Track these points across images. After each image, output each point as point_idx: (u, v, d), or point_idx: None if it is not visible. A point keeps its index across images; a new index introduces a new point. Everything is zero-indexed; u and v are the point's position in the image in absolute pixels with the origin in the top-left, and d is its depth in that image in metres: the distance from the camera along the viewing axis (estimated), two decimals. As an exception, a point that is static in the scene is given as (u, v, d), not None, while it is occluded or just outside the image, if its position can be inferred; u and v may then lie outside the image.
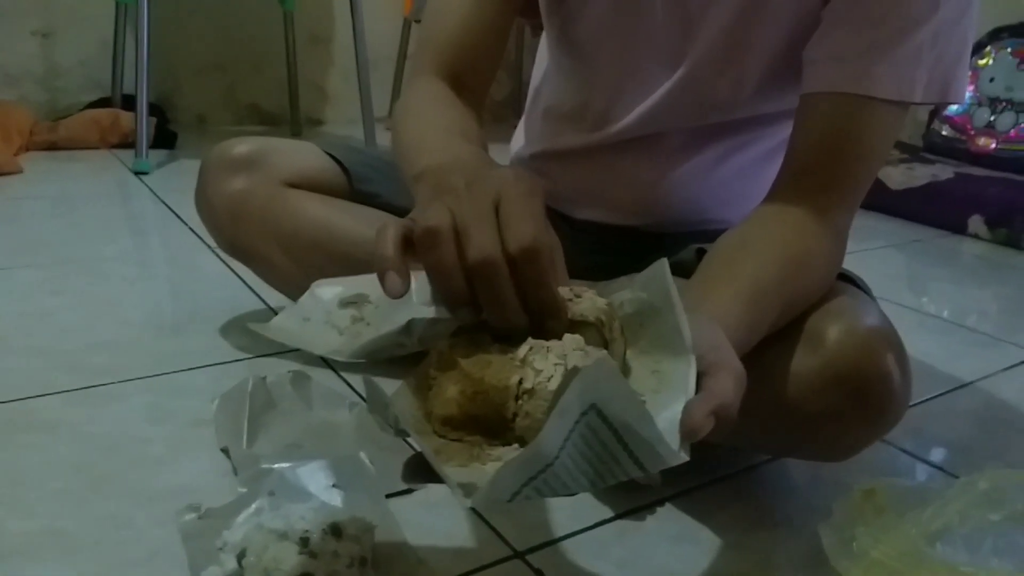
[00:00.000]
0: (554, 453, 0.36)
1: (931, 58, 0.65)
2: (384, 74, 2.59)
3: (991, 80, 2.08)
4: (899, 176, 1.94)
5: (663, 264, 0.44)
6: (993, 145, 2.04)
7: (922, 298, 1.44)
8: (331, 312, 0.51)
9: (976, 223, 1.82)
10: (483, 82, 0.75)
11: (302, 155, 0.90)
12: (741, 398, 0.41)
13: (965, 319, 1.33)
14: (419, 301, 0.44)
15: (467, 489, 0.37)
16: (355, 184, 0.91)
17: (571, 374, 0.40)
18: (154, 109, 2.06)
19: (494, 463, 0.40)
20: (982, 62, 2.10)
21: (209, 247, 1.30)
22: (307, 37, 2.52)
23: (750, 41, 0.72)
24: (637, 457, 0.37)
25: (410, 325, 0.50)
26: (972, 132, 2.08)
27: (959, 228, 1.85)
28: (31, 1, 2.17)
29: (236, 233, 0.88)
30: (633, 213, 0.87)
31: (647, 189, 0.85)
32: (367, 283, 0.50)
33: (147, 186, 1.74)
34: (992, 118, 2.06)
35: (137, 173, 1.81)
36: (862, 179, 0.67)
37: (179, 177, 1.83)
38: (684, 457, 0.37)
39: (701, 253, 0.80)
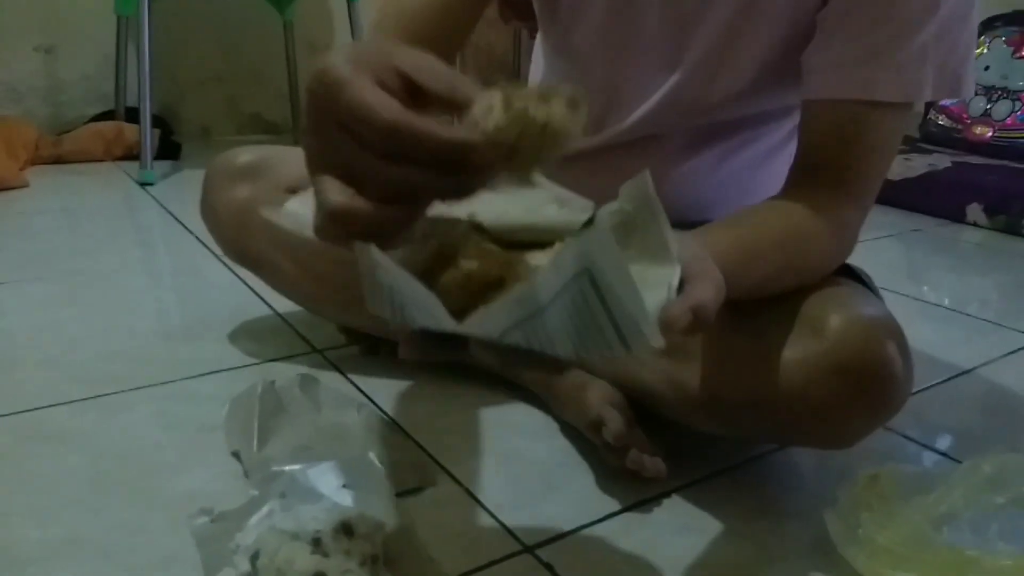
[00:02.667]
0: (544, 302, 0.37)
1: (938, 56, 0.65)
2: (383, 80, 2.61)
3: (986, 68, 2.08)
4: (897, 166, 1.95)
5: (645, 176, 0.44)
6: (990, 133, 2.04)
7: (923, 287, 1.45)
8: None
9: (975, 211, 1.83)
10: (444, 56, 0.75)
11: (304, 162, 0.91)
12: (719, 305, 0.44)
13: (966, 306, 1.33)
14: None
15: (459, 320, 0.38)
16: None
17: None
18: (158, 121, 2.07)
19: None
20: (977, 51, 2.11)
21: (215, 255, 1.31)
22: (306, 46, 2.54)
23: (745, 44, 0.73)
24: (620, 330, 0.37)
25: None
26: (968, 121, 2.09)
27: (958, 216, 1.86)
28: (33, 17, 2.19)
29: (243, 241, 0.89)
30: None
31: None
32: None
33: (153, 197, 1.75)
34: (988, 106, 2.06)
35: (142, 184, 1.83)
36: (872, 176, 0.68)
37: (184, 187, 1.84)
38: (661, 343, 0.37)
39: None
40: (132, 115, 2.13)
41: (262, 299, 1.14)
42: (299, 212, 0.52)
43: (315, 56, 2.58)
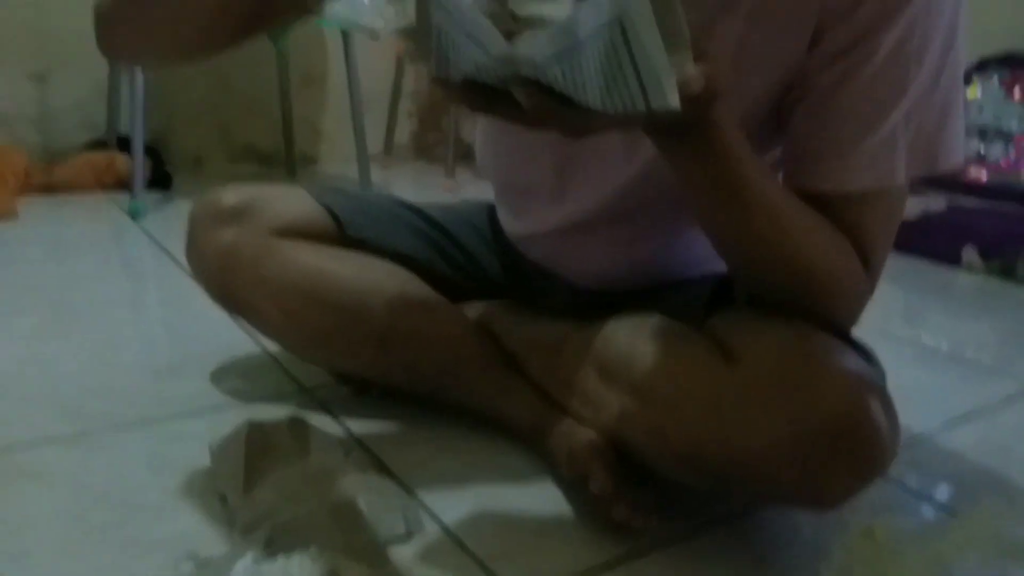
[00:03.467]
0: (582, 37, 0.40)
1: (907, 137, 0.65)
2: (378, 112, 2.61)
3: (980, 110, 2.10)
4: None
5: None
6: (985, 175, 2.05)
7: (919, 330, 1.44)
8: (378, 4, 0.54)
9: (970, 254, 1.83)
10: None
11: (292, 203, 0.90)
12: (725, 86, 0.50)
13: (963, 351, 1.33)
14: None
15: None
16: (346, 230, 0.91)
17: None
18: (149, 150, 2.06)
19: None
20: (970, 92, 2.13)
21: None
22: (301, 77, 2.55)
23: None
24: (643, 83, 0.41)
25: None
26: (964, 162, 2.10)
27: (953, 259, 1.86)
28: (26, 44, 2.19)
29: (227, 286, 0.87)
30: (609, 280, 0.88)
31: (621, 264, 0.85)
32: None
33: (142, 228, 1.74)
34: (982, 148, 2.08)
35: (132, 216, 1.82)
36: (874, 250, 0.68)
37: (174, 219, 1.83)
38: (676, 104, 0.42)
39: (720, 287, 0.80)
40: (124, 144, 2.12)
41: (250, 336, 1.12)
42: (341, 10, 0.54)
43: (309, 87, 2.59)
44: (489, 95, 0.47)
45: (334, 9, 0.53)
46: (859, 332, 0.71)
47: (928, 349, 1.33)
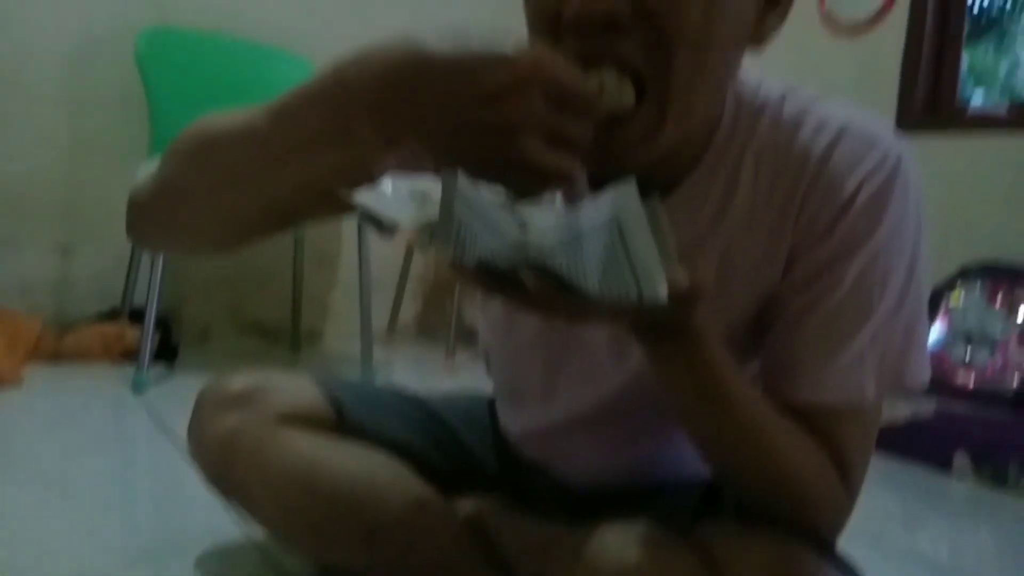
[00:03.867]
0: (585, 231, 0.45)
1: (874, 357, 0.68)
2: (384, 293, 2.70)
3: (964, 316, 2.16)
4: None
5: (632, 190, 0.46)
6: (972, 380, 2.09)
7: (914, 538, 1.42)
8: (401, 200, 0.57)
9: (961, 461, 1.83)
10: None
11: (296, 390, 0.93)
12: (708, 292, 0.53)
13: (963, 563, 1.30)
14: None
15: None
16: (345, 419, 0.93)
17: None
18: (158, 322, 2.12)
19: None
20: (954, 299, 2.20)
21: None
22: (315, 257, 2.65)
23: None
24: (637, 275, 0.45)
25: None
26: (950, 367, 2.14)
27: (945, 465, 1.85)
28: (55, 217, 2.30)
29: (225, 470, 0.89)
30: (601, 481, 0.89)
31: (612, 465, 0.87)
32: (431, 185, 0.56)
33: (143, 402, 1.76)
34: (968, 354, 2.12)
35: (135, 389, 1.84)
36: (853, 465, 0.70)
37: (176, 394, 1.85)
38: (665, 297, 0.46)
39: (708, 492, 0.81)
40: (136, 316, 2.18)
41: (237, 522, 1.12)
42: (366, 198, 0.56)
43: (321, 267, 2.69)
44: (500, 279, 0.51)
45: (359, 199, 0.58)
46: (857, 539, 0.71)
47: (927, 559, 1.30)
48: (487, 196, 0.49)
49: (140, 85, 2.22)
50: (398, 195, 0.57)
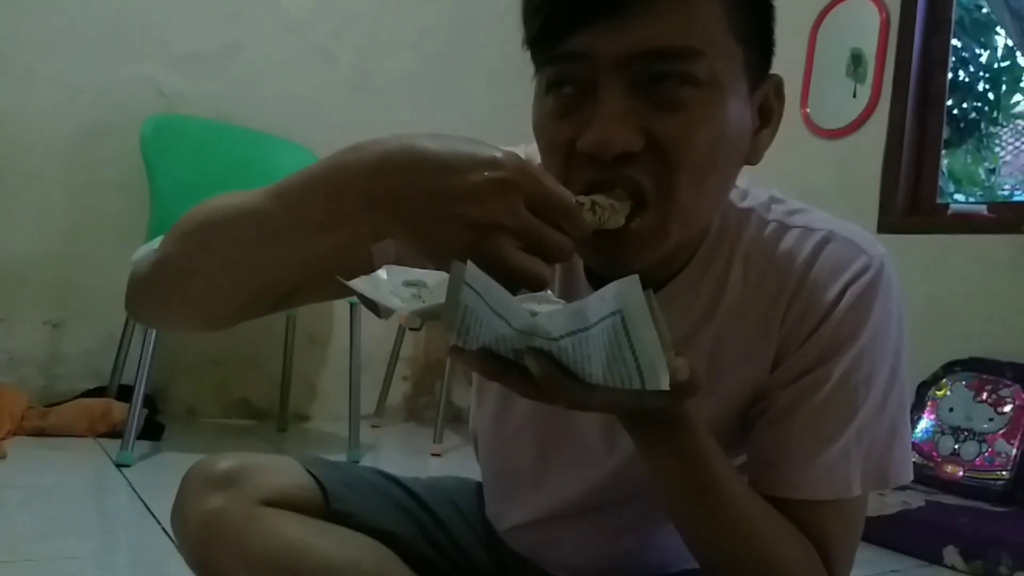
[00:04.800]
0: (591, 322, 0.47)
1: (860, 453, 0.70)
2: (374, 374, 2.70)
3: (951, 410, 2.18)
4: (872, 502, 1.96)
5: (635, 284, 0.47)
6: (960, 473, 2.09)
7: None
8: (397, 287, 0.57)
9: (951, 554, 1.82)
10: None
11: (282, 472, 0.93)
12: (702, 383, 0.54)
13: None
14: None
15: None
16: (332, 503, 0.93)
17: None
18: (145, 400, 2.11)
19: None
20: (940, 393, 2.22)
21: (178, 549, 1.28)
22: (306, 337, 2.66)
23: None
24: (640, 364, 0.47)
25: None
26: (939, 459, 2.14)
27: (935, 558, 1.84)
28: (48, 293, 2.32)
29: (207, 552, 0.87)
30: (588, 574, 0.89)
31: (600, 557, 0.87)
32: (425, 274, 0.58)
33: (127, 479, 1.74)
34: (956, 446, 2.13)
35: (119, 466, 1.83)
36: (839, 558, 0.71)
37: (160, 471, 1.84)
38: (667, 385, 0.48)
39: None
40: (123, 392, 2.18)
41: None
42: (362, 285, 0.57)
43: (311, 347, 2.69)
44: (503, 365, 0.53)
45: (354, 283, 0.59)
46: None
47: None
48: (496, 284, 0.50)
49: (142, 171, 2.28)
50: (393, 281, 0.59)
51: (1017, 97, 4.47)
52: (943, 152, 2.54)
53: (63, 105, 2.34)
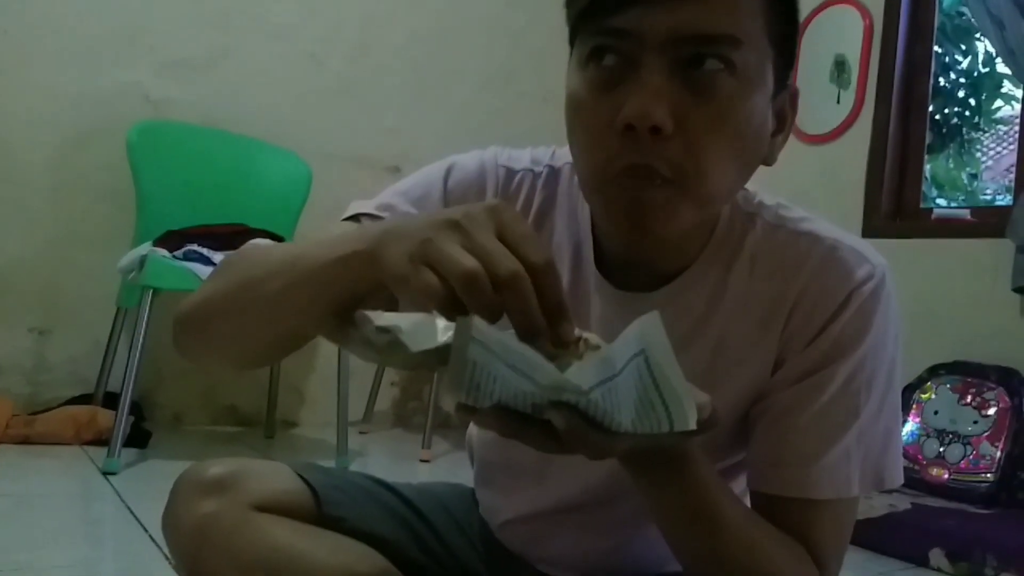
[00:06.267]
0: (618, 368, 0.45)
1: (859, 455, 0.72)
2: (362, 380, 2.69)
3: (935, 413, 2.20)
4: (859, 505, 1.98)
5: (656, 320, 0.46)
6: (946, 475, 2.10)
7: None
8: (370, 333, 0.54)
9: (937, 556, 1.83)
10: None
11: (274, 477, 0.92)
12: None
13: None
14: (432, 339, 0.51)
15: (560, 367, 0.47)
16: (324, 508, 0.92)
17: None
18: (131, 407, 2.10)
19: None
20: (925, 396, 2.24)
21: (166, 557, 1.28)
22: (292, 344, 2.65)
23: None
24: (668, 407, 0.45)
25: (440, 351, 0.52)
26: (924, 462, 2.16)
27: (921, 560, 1.85)
28: (34, 299, 2.31)
29: (198, 557, 0.87)
30: (586, 572, 0.89)
31: (598, 552, 0.88)
32: (399, 318, 0.55)
33: (113, 487, 1.73)
34: (941, 449, 2.15)
35: (105, 473, 1.81)
36: (827, 551, 0.72)
37: (147, 479, 1.83)
38: (695, 425, 0.46)
39: None
40: (109, 400, 2.16)
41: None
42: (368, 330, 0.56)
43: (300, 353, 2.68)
44: (521, 421, 0.51)
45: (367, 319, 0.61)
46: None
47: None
48: (510, 338, 0.48)
49: (128, 178, 2.26)
50: (367, 329, 0.57)
51: (998, 103, 4.52)
52: (926, 157, 2.57)
53: (49, 110, 2.32)
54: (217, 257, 2.04)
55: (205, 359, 0.79)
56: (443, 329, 0.52)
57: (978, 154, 4.84)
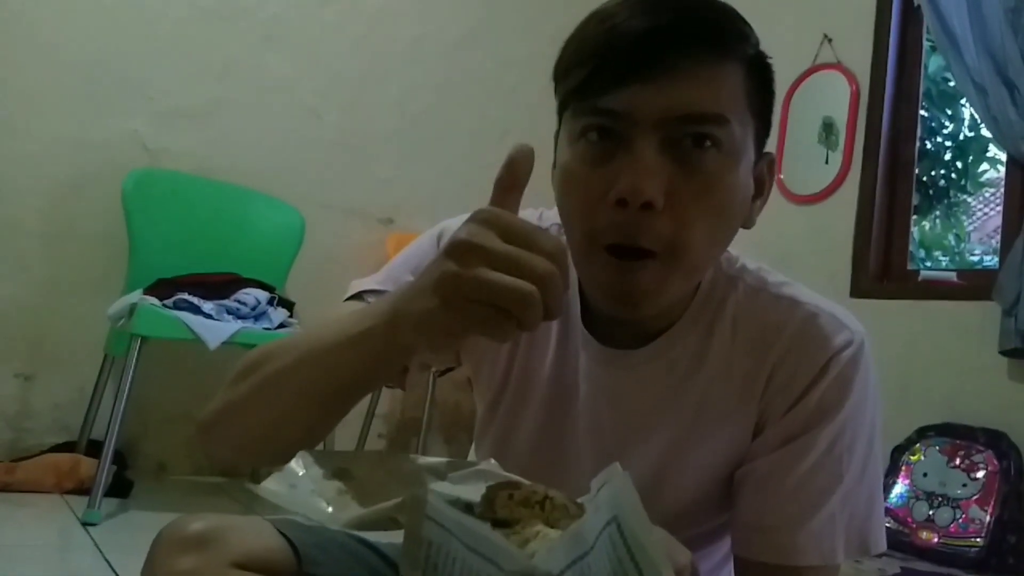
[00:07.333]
0: (590, 542, 0.43)
1: (843, 520, 0.72)
2: (349, 432, 2.65)
3: (924, 475, 2.19)
4: (847, 568, 1.96)
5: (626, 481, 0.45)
6: (936, 539, 2.09)
7: None
8: (318, 481, 0.53)
9: (928, 622, 1.81)
10: None
11: (255, 534, 0.91)
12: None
13: None
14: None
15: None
16: (304, 567, 0.91)
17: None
18: (114, 456, 2.07)
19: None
20: (914, 457, 2.23)
21: (143, 613, 1.25)
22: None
23: (668, 486, 0.78)
24: (641, 570, 0.42)
25: (405, 504, 0.50)
26: (914, 525, 2.14)
27: (912, 626, 1.83)
28: (21, 344, 2.29)
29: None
30: None
31: None
32: (349, 459, 0.54)
33: (92, 539, 1.70)
34: (931, 512, 2.13)
35: (85, 524, 1.78)
36: None
37: (127, 530, 1.80)
38: None
39: None
40: (92, 448, 2.13)
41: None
42: (276, 490, 0.53)
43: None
44: None
45: (266, 488, 0.61)
46: None
47: None
48: (469, 519, 0.46)
49: (121, 225, 2.28)
50: (313, 475, 0.56)
51: (984, 166, 4.59)
52: (913, 218, 2.60)
53: (45, 156, 2.34)
54: (207, 306, 2.04)
55: (235, 459, 0.80)
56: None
57: (964, 216, 4.90)
